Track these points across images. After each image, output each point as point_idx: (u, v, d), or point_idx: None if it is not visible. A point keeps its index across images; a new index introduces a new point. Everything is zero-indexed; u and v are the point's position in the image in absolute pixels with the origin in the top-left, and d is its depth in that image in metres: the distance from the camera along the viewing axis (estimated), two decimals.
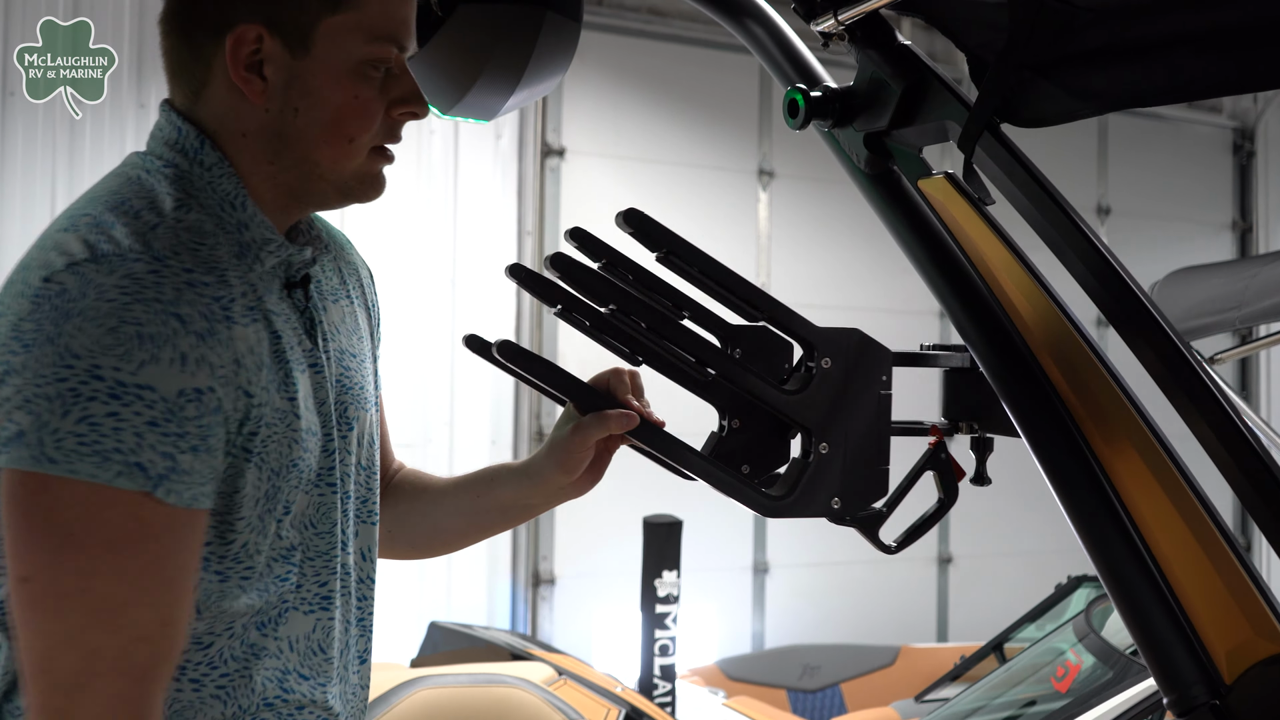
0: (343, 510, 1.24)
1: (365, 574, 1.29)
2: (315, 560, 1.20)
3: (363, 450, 1.29)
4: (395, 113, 1.19)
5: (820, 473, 1.25)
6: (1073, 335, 1.22)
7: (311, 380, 1.19)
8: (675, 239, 1.22)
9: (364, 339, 1.34)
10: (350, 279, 1.36)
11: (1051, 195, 1.23)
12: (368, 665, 1.31)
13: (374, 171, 1.21)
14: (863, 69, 1.40)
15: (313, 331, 1.21)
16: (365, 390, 1.30)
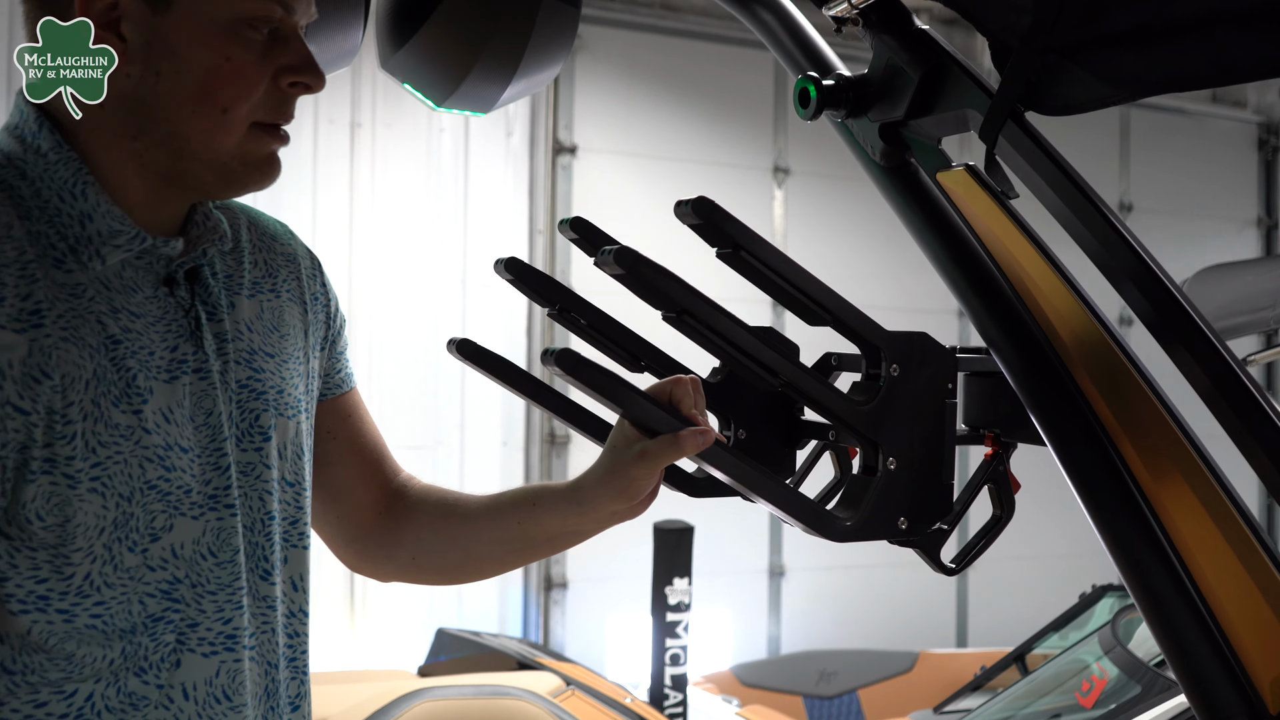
0: (255, 536, 1.12)
1: (296, 606, 1.17)
2: (216, 594, 1.07)
3: (286, 464, 1.16)
4: (283, 83, 1.06)
5: (888, 491, 1.16)
6: (1106, 341, 1.14)
7: (190, 388, 1.07)
8: (748, 234, 1.10)
9: (291, 336, 1.21)
10: (282, 271, 1.24)
11: (1080, 188, 1.14)
12: (303, 712, 1.18)
13: (261, 153, 1.08)
14: (878, 56, 1.33)
15: (198, 333, 1.08)
16: (286, 395, 1.17)
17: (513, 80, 1.50)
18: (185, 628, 1.05)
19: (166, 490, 1.04)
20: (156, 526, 1.03)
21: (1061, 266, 1.17)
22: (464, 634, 4.01)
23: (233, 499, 1.09)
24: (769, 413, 1.35)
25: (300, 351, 1.22)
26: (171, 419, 1.05)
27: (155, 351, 1.05)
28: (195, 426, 1.07)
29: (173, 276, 1.09)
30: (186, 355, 1.07)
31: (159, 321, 1.06)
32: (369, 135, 5.48)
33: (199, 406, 1.07)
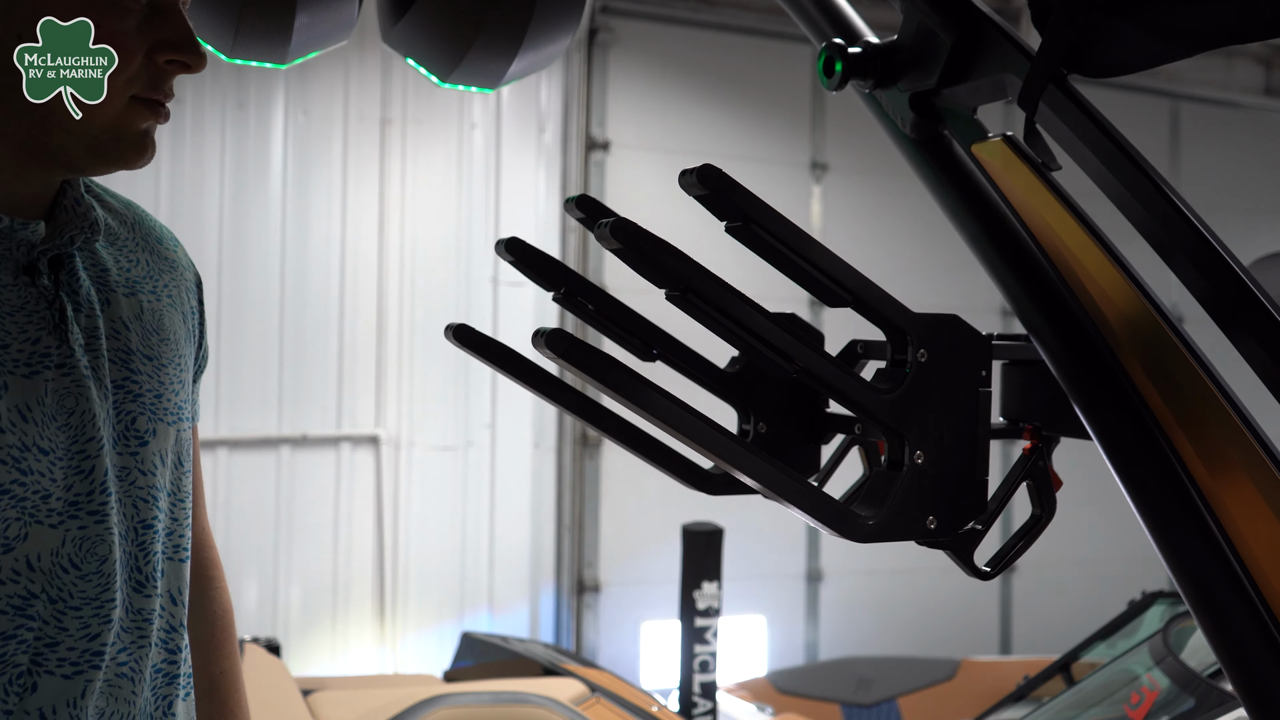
0: (130, 546, 1.04)
1: (177, 621, 1.10)
2: (81, 610, 0.98)
3: (166, 471, 1.09)
4: (160, 59, 1.01)
5: (915, 487, 1.07)
6: (1158, 324, 1.04)
7: (53, 385, 0.99)
8: (759, 205, 1.02)
9: (172, 342, 1.13)
10: (165, 276, 1.17)
11: (1131, 156, 1.05)
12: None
13: (135, 128, 1.01)
14: (908, 20, 1.24)
15: (62, 326, 1.00)
16: (166, 400, 1.09)
17: (519, 53, 1.42)
18: (42, 647, 0.97)
19: (21, 496, 0.95)
20: (10, 536, 0.95)
21: (1109, 244, 1.07)
22: (490, 638, 3.94)
23: (101, 505, 1.00)
24: (791, 405, 1.26)
25: (180, 359, 1.14)
26: (29, 417, 0.96)
27: (11, 344, 0.97)
28: (59, 426, 0.99)
29: (35, 264, 1.00)
30: (50, 349, 0.99)
31: (17, 311, 0.98)
32: (399, 132, 5.45)
33: (62, 405, 0.99)
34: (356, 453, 5.31)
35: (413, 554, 5.43)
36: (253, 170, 5.18)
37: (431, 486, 5.43)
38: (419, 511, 5.44)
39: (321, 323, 5.29)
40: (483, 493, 5.56)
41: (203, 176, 5.11)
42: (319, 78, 5.30)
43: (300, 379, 5.22)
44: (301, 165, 5.27)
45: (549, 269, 1.21)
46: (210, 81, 5.10)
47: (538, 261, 1.20)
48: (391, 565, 5.38)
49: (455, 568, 5.52)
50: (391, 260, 5.40)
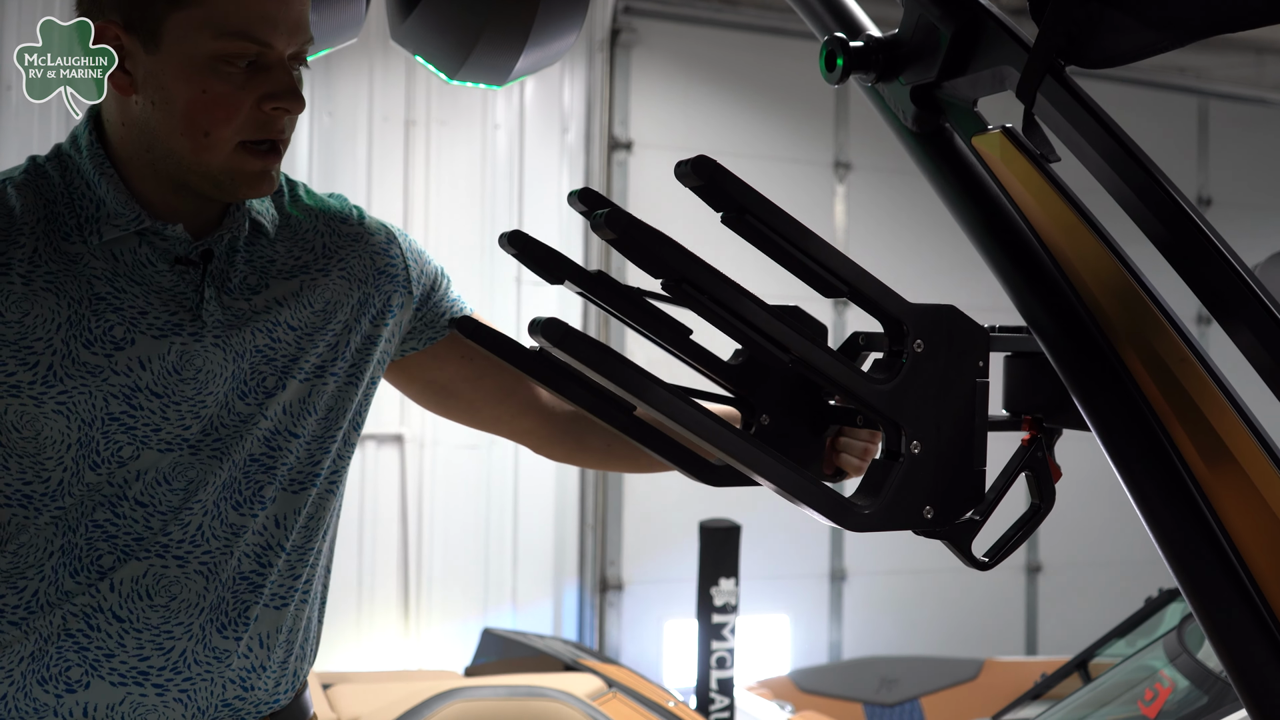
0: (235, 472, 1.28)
1: (275, 541, 1.31)
2: (165, 514, 1.24)
3: (289, 418, 1.31)
4: (267, 107, 1.21)
5: (912, 477, 1.08)
6: (1155, 316, 1.04)
7: (182, 348, 1.24)
8: (753, 196, 1.04)
9: (329, 312, 1.34)
10: (343, 251, 1.38)
11: (1127, 147, 1.05)
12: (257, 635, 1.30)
13: (248, 169, 1.23)
14: (909, 14, 1.25)
15: (198, 306, 1.25)
16: (302, 364, 1.32)
17: (525, 49, 1.44)
18: (131, 540, 1.24)
19: (131, 424, 1.22)
20: (124, 455, 1.23)
21: (1107, 235, 1.07)
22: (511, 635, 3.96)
23: (199, 441, 1.26)
24: (793, 398, 1.27)
25: (340, 325, 1.35)
26: (148, 367, 1.23)
27: (149, 313, 1.23)
28: (181, 379, 1.24)
29: (188, 257, 1.26)
30: (183, 322, 1.25)
31: (164, 292, 1.24)
32: (423, 133, 5.48)
33: (188, 363, 1.24)
34: (381, 451, 5.34)
35: (437, 551, 5.46)
36: None
37: (455, 484, 5.46)
38: (443, 509, 5.47)
39: None
40: (506, 491, 5.58)
41: None
42: (344, 79, 5.34)
43: None
44: (327, 166, 5.32)
45: (550, 261, 1.22)
46: None
47: (540, 254, 1.22)
48: (415, 562, 5.41)
49: (479, 565, 5.54)
50: None
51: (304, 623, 1.37)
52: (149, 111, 1.21)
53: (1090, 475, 2.56)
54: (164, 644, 1.24)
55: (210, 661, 1.26)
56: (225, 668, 1.28)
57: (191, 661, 1.25)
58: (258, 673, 1.30)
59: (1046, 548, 6.70)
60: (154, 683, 1.24)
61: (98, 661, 1.22)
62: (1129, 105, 6.30)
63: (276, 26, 1.19)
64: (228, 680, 1.28)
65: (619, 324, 1.17)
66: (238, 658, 1.28)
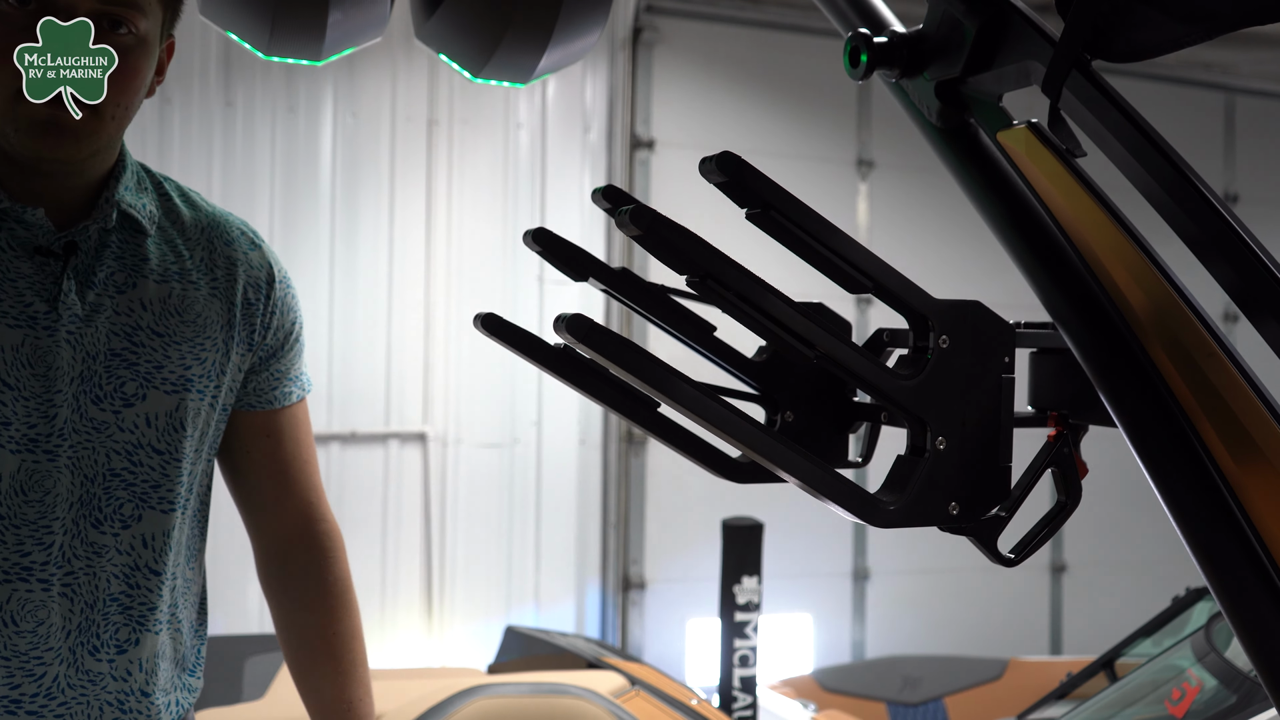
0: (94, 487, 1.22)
1: (143, 562, 1.26)
2: (20, 529, 1.18)
3: (154, 432, 1.26)
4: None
5: (937, 473, 1.07)
6: (1182, 310, 1.03)
7: (35, 341, 1.20)
8: (778, 192, 1.03)
9: (198, 325, 1.30)
10: (217, 271, 1.34)
11: (1154, 142, 1.04)
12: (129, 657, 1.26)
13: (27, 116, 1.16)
14: (933, 9, 1.24)
15: (56, 299, 1.21)
16: (167, 371, 1.27)
17: (548, 47, 1.44)
18: None
19: None
20: None
21: (1134, 231, 1.07)
22: (534, 633, 3.97)
23: (55, 446, 1.20)
24: (818, 394, 1.27)
25: (208, 340, 1.31)
26: (1, 355, 1.18)
27: (2, 301, 1.19)
28: (33, 374, 1.19)
29: (49, 248, 1.21)
30: (37, 313, 1.20)
31: (19, 280, 1.20)
32: (446, 132, 5.50)
33: (39, 358, 1.20)
34: (404, 449, 5.36)
35: (459, 549, 5.48)
36: (302, 171, 5.25)
37: (478, 483, 5.48)
38: (466, 508, 5.48)
39: (370, 321, 5.35)
40: (529, 489, 5.59)
41: (254, 178, 5.19)
42: (367, 80, 5.36)
43: (349, 377, 5.29)
44: (350, 166, 5.34)
45: (574, 258, 1.23)
46: (261, 85, 5.18)
47: (563, 250, 1.22)
48: (439, 560, 5.43)
49: (501, 563, 5.56)
50: (439, 259, 5.45)
51: (182, 647, 1.32)
52: None
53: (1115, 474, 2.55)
54: (35, 670, 1.19)
55: (85, 686, 1.23)
56: (101, 692, 1.24)
57: (65, 686, 1.21)
58: (135, 698, 1.26)
59: (1071, 547, 6.66)
60: (28, 710, 1.20)
61: None
62: (1154, 101, 6.25)
63: None
64: (103, 704, 1.24)
65: (640, 320, 1.17)
66: (112, 680, 1.24)
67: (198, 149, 5.07)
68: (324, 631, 1.47)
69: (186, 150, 5.02)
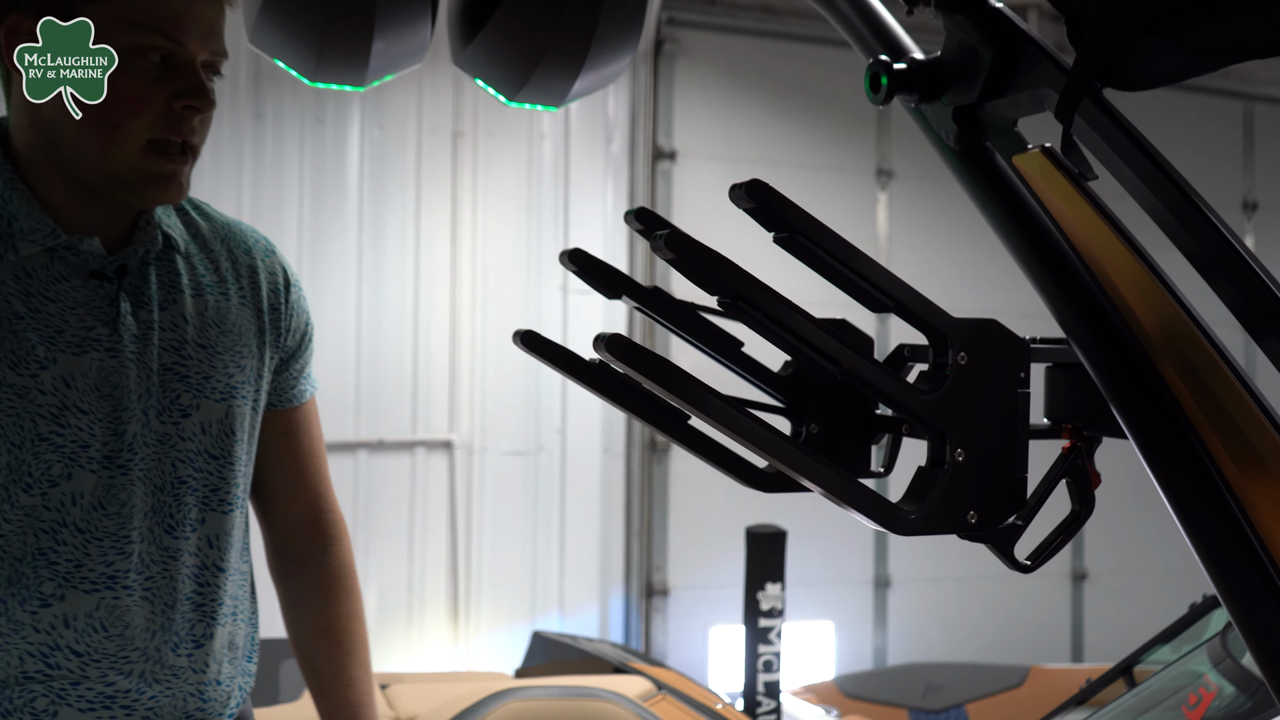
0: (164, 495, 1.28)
1: (210, 561, 1.34)
2: (102, 540, 1.25)
3: (209, 439, 1.33)
4: (177, 105, 1.21)
5: (956, 483, 1.12)
6: (1189, 328, 1.07)
7: (100, 363, 1.24)
8: (804, 217, 1.09)
9: (235, 334, 1.37)
10: (242, 280, 1.40)
11: (1162, 167, 1.09)
12: (206, 650, 1.34)
13: (157, 169, 1.22)
14: (950, 36, 1.29)
15: (116, 319, 1.26)
16: (214, 381, 1.33)
17: (582, 72, 1.49)
18: (70, 568, 1.23)
19: (60, 443, 1.22)
20: (54, 474, 1.22)
21: (1143, 251, 1.11)
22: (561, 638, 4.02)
23: (127, 460, 1.26)
24: (841, 407, 1.31)
25: (245, 348, 1.37)
26: (72, 385, 1.23)
27: (65, 330, 1.23)
28: (101, 395, 1.24)
29: (102, 271, 1.26)
30: (100, 336, 1.25)
31: (80, 306, 1.24)
32: (471, 144, 5.56)
33: (106, 379, 1.25)
34: (431, 457, 5.42)
35: (485, 556, 5.53)
36: (330, 183, 5.33)
37: (503, 490, 5.53)
38: (491, 515, 5.54)
39: (397, 330, 5.42)
40: (553, 497, 5.64)
41: (282, 189, 5.27)
42: (393, 93, 5.43)
43: (376, 385, 5.35)
44: (377, 177, 5.41)
45: (607, 276, 1.28)
46: (290, 99, 5.26)
47: (596, 269, 1.27)
48: (465, 567, 5.48)
49: (526, 570, 5.61)
50: (464, 269, 5.51)
51: (241, 638, 1.40)
52: (58, 108, 1.19)
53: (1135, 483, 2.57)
54: (125, 669, 1.27)
55: (169, 680, 1.30)
56: (183, 684, 1.31)
57: (152, 681, 1.28)
58: (211, 686, 1.34)
59: (1092, 555, 6.65)
60: (122, 705, 1.27)
61: (64, 691, 1.24)
62: (1174, 110, 6.26)
63: (189, 26, 1.20)
64: (186, 694, 1.32)
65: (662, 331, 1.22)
66: (192, 673, 1.32)
67: (228, 160, 5.15)
68: (326, 613, 1.54)
69: (217, 162, 5.11)
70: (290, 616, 1.57)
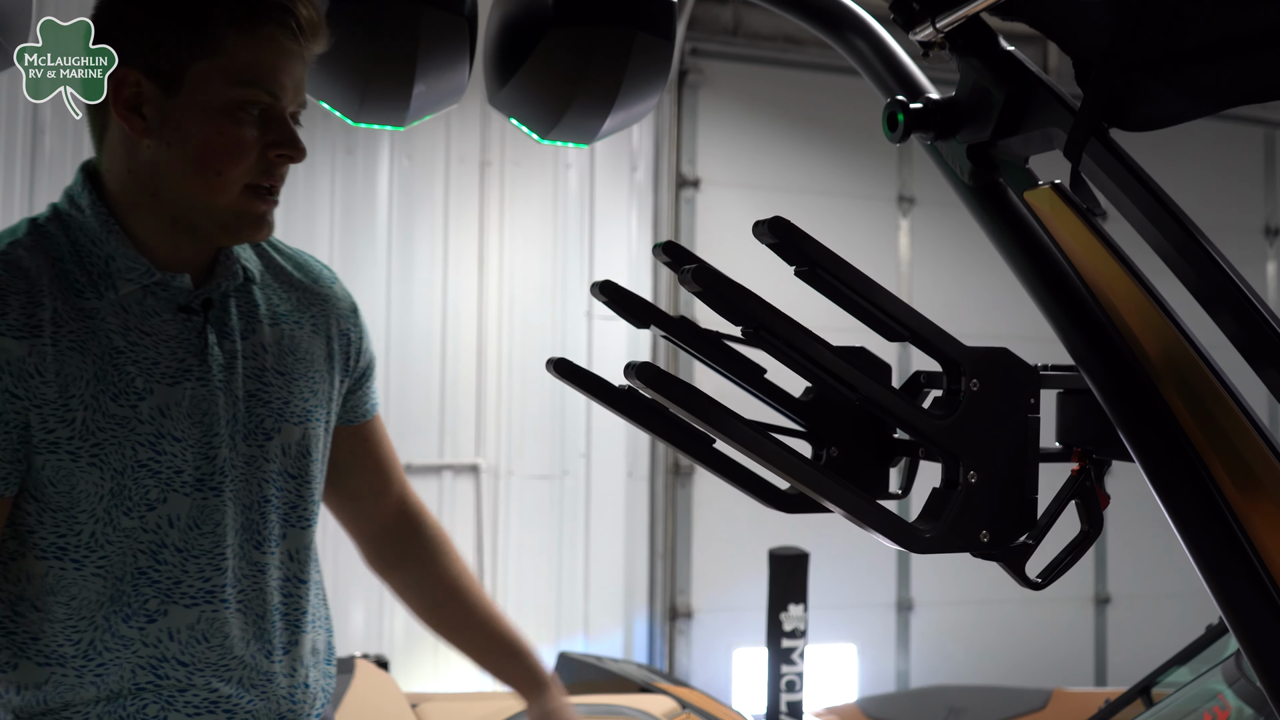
0: (252, 514, 1.37)
1: (292, 573, 1.44)
2: (199, 558, 1.33)
3: (289, 460, 1.42)
4: (271, 154, 1.31)
5: (969, 504, 1.17)
6: (1191, 357, 1.12)
7: (191, 392, 1.33)
8: (824, 252, 1.14)
9: (308, 361, 1.45)
10: (313, 309, 1.49)
11: (1165, 204, 1.14)
12: (296, 655, 1.43)
13: (252, 211, 1.32)
14: (964, 78, 1.35)
15: (204, 351, 1.34)
16: (292, 405, 1.42)
17: (612, 112, 1.56)
18: (170, 584, 1.32)
19: (157, 469, 1.30)
20: (151, 498, 1.30)
21: (1147, 283, 1.16)
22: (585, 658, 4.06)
23: (218, 483, 1.34)
24: (860, 431, 1.35)
25: (317, 374, 1.46)
26: (168, 414, 1.31)
27: (160, 362, 1.31)
28: (193, 422, 1.33)
29: (190, 305, 1.34)
30: (191, 367, 1.33)
31: (172, 339, 1.33)
32: (498, 173, 5.64)
33: (197, 407, 1.33)
34: (458, 481, 5.48)
35: (511, 578, 5.58)
36: (360, 211, 5.41)
37: (529, 513, 5.58)
38: (517, 537, 5.59)
39: (424, 356, 5.49)
40: (578, 520, 5.69)
41: (314, 218, 5.36)
42: (422, 125, 5.49)
43: (405, 410, 5.42)
44: (406, 206, 5.49)
45: (636, 307, 1.34)
46: (321, 130, 5.35)
47: (626, 300, 1.33)
48: (490, 589, 5.53)
49: (551, 592, 5.65)
50: (491, 295, 5.58)
51: (321, 643, 1.49)
52: (161, 153, 1.28)
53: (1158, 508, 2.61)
54: (225, 676, 1.36)
55: (264, 685, 1.39)
56: (276, 689, 1.41)
57: (249, 686, 1.38)
58: (300, 689, 1.43)
59: (1115, 579, 6.64)
60: (224, 709, 1.36)
61: (172, 698, 1.33)
62: (1195, 136, 6.29)
63: (283, 82, 1.30)
64: (279, 698, 1.41)
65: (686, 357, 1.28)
66: (283, 678, 1.41)
67: None
68: (444, 576, 1.70)
69: None
70: (412, 595, 1.71)
